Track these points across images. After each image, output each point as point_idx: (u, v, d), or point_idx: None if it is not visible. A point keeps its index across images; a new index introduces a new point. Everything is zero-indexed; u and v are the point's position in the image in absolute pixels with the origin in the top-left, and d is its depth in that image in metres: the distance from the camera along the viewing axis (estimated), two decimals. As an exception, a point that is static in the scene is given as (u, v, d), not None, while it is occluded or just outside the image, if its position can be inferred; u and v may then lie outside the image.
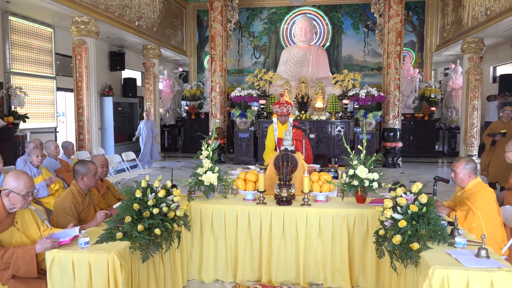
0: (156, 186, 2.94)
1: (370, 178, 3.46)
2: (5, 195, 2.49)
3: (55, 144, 5.26)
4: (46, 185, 4.46)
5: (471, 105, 10.27)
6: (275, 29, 13.30)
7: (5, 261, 2.43)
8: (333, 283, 3.42)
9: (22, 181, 2.50)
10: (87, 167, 3.22)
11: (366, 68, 12.89)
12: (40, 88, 8.60)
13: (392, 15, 10.20)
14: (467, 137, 10.39)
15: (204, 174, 3.64)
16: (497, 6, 8.21)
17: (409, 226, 2.53)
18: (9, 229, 2.55)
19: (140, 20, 10.12)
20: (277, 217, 3.46)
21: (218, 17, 10.84)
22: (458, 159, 3.31)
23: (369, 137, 9.69)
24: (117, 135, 11.06)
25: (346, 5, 12.89)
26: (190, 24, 13.74)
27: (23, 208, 2.57)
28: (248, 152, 10.41)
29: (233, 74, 13.38)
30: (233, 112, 10.62)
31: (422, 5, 12.54)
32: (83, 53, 8.11)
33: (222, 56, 11.02)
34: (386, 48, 10.41)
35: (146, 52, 11.22)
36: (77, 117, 8.34)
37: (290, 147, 4.06)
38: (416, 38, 12.77)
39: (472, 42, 9.93)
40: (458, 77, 12.18)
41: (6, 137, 7.18)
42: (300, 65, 11.86)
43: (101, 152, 8.32)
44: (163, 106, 13.31)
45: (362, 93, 9.91)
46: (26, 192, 2.50)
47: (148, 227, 2.71)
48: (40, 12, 7.78)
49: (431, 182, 3.81)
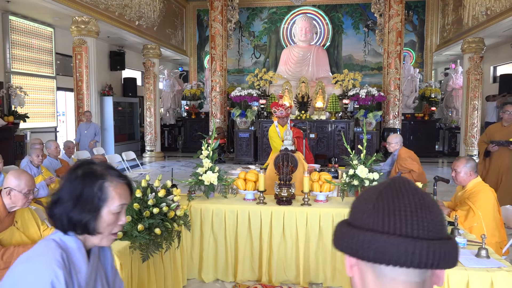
0: (156, 185, 2.94)
1: (370, 178, 3.46)
2: (6, 193, 2.49)
3: (56, 144, 5.26)
4: (46, 184, 4.46)
5: (471, 105, 10.27)
6: (275, 28, 13.30)
7: (5, 261, 2.43)
8: (333, 283, 3.42)
9: (23, 179, 2.50)
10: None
11: (366, 68, 12.89)
12: (40, 88, 8.60)
13: (392, 15, 10.20)
14: (467, 137, 10.39)
15: (204, 174, 3.64)
16: (497, 6, 8.21)
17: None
18: (9, 229, 2.54)
19: (140, 19, 10.13)
20: (277, 217, 3.46)
21: (218, 17, 10.84)
22: (458, 158, 3.33)
23: (369, 137, 9.68)
24: (117, 135, 11.07)
25: (347, 5, 12.88)
26: (190, 23, 13.74)
27: (24, 207, 2.57)
28: (248, 152, 10.42)
29: (233, 74, 13.37)
30: (233, 111, 10.62)
31: (422, 4, 12.54)
32: (83, 52, 8.11)
33: (222, 56, 11.02)
34: (386, 48, 10.41)
35: (146, 52, 11.22)
36: (77, 117, 8.34)
37: (290, 147, 4.06)
38: (416, 38, 12.76)
39: (472, 42, 9.93)
40: (458, 77, 12.17)
41: (6, 136, 7.18)
42: (300, 65, 11.86)
43: (101, 152, 8.32)
44: (163, 106, 13.31)
45: (362, 93, 9.91)
46: (27, 190, 2.50)
47: (148, 227, 2.71)
48: (40, 11, 7.78)
49: (431, 182, 3.81)
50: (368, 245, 0.67)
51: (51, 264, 1.13)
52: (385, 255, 0.66)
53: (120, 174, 1.28)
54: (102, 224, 1.22)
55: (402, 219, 0.67)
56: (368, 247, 0.67)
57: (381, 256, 0.66)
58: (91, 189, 1.21)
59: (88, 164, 1.28)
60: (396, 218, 0.68)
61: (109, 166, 1.31)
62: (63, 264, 1.14)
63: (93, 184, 1.22)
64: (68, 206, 1.20)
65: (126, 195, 1.27)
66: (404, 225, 0.67)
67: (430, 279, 0.72)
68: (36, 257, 1.16)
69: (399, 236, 0.66)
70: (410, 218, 0.67)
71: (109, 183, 1.23)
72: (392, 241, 0.66)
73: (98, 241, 1.25)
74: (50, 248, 1.18)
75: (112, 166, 1.33)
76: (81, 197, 1.20)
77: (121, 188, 1.26)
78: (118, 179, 1.26)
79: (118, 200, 1.24)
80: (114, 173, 1.27)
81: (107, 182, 1.23)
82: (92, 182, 1.22)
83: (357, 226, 0.71)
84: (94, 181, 1.22)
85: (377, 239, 0.67)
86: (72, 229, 1.21)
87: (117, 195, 1.23)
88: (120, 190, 1.25)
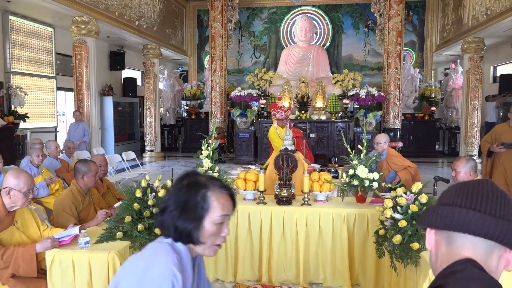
0: (156, 185, 2.94)
1: (370, 178, 3.46)
2: (6, 193, 2.49)
3: (56, 144, 5.26)
4: (46, 184, 4.46)
5: (471, 105, 10.27)
6: (275, 28, 13.30)
7: (5, 260, 2.43)
8: (333, 283, 3.42)
9: (22, 179, 2.51)
10: (88, 166, 3.22)
11: (366, 68, 12.89)
12: (40, 88, 8.60)
13: (392, 15, 10.20)
14: (467, 137, 10.39)
15: (204, 174, 3.64)
16: (497, 6, 8.21)
17: (409, 226, 2.53)
18: (8, 229, 2.55)
19: (140, 19, 10.13)
20: (277, 216, 3.46)
21: (218, 17, 10.84)
22: (458, 158, 3.34)
23: (369, 137, 9.67)
24: (117, 135, 11.07)
25: (347, 5, 12.88)
26: (190, 23, 13.74)
27: (23, 206, 2.58)
28: (248, 152, 10.41)
29: (233, 74, 13.37)
30: (233, 111, 10.62)
31: (422, 4, 12.54)
32: (83, 52, 8.11)
33: (222, 56, 11.02)
34: (386, 48, 10.41)
35: (146, 52, 11.22)
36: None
37: (290, 147, 4.06)
38: (416, 38, 12.76)
39: (472, 42, 9.93)
40: (458, 77, 12.17)
41: (6, 136, 7.18)
42: (300, 65, 11.86)
43: (101, 151, 8.32)
44: (163, 106, 13.32)
45: (362, 93, 9.91)
46: (27, 189, 2.50)
47: (148, 227, 2.71)
48: (40, 11, 7.78)
49: (431, 182, 3.81)
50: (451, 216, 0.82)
51: (170, 266, 1.16)
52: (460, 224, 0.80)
53: (223, 185, 1.30)
54: (205, 234, 1.24)
55: (479, 199, 0.82)
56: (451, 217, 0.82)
57: (456, 224, 0.81)
58: (194, 198, 1.24)
59: (194, 174, 1.30)
60: (473, 198, 0.82)
61: (213, 177, 1.32)
62: (180, 267, 1.18)
63: (197, 194, 1.24)
64: (175, 215, 1.23)
65: (228, 206, 1.28)
66: (479, 203, 0.81)
67: (498, 259, 0.82)
68: (155, 257, 1.20)
69: (473, 209, 0.80)
70: (486, 200, 0.81)
71: (211, 192, 1.25)
72: (467, 212, 0.80)
73: (202, 251, 1.27)
74: (167, 250, 1.21)
75: (215, 177, 1.33)
76: (186, 206, 1.23)
77: (224, 199, 1.27)
78: (220, 189, 1.27)
79: (220, 210, 1.25)
80: (217, 184, 1.28)
81: (210, 192, 1.25)
82: (196, 191, 1.24)
83: (441, 203, 0.87)
84: (198, 191, 1.25)
85: (456, 212, 0.82)
86: (179, 238, 1.24)
87: (219, 205, 1.25)
88: (222, 200, 1.26)
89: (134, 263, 1.21)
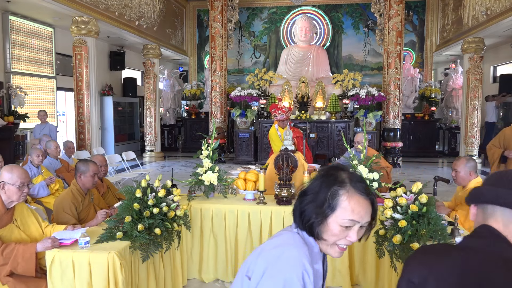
0: (156, 185, 2.94)
1: (370, 178, 3.46)
2: (1, 188, 2.49)
3: (56, 144, 5.26)
4: (46, 184, 4.46)
5: (471, 105, 10.27)
6: (275, 28, 13.30)
7: (5, 256, 2.43)
8: (333, 283, 3.42)
9: (16, 172, 2.51)
10: (87, 166, 3.22)
11: (366, 68, 12.89)
12: (40, 88, 8.60)
13: (392, 15, 10.20)
14: (467, 137, 10.39)
15: (204, 174, 3.64)
16: (497, 6, 8.21)
17: (409, 226, 2.53)
18: (8, 226, 2.54)
19: (140, 19, 10.13)
20: (277, 216, 3.46)
21: (218, 17, 10.84)
22: (458, 158, 3.34)
23: (369, 137, 9.68)
24: (117, 135, 11.07)
25: (346, 5, 12.88)
26: (190, 23, 13.74)
27: (19, 201, 2.57)
28: (248, 152, 10.42)
29: (233, 74, 13.37)
30: (233, 111, 10.62)
31: (422, 5, 12.54)
32: (83, 52, 8.11)
33: (222, 56, 11.02)
34: (386, 48, 10.41)
35: (146, 52, 11.22)
36: (77, 117, 8.34)
37: (290, 147, 4.06)
38: (416, 38, 12.76)
39: (472, 42, 9.93)
40: (458, 77, 12.17)
41: (6, 136, 7.18)
42: (300, 65, 11.86)
43: (101, 152, 8.32)
44: (163, 106, 13.32)
45: (362, 93, 9.92)
46: (20, 183, 2.50)
47: (148, 227, 2.71)
48: (40, 11, 7.78)
49: (431, 182, 3.81)
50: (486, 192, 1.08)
51: (302, 257, 1.10)
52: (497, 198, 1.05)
53: (363, 188, 1.15)
54: (327, 232, 1.15)
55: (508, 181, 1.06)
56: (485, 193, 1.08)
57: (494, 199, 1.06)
58: (325, 193, 1.14)
59: (337, 169, 1.20)
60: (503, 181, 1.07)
61: (359, 176, 1.19)
62: (310, 260, 1.12)
63: (329, 189, 1.14)
64: (307, 199, 1.17)
65: (361, 213, 1.13)
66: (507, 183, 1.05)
67: None
68: (288, 246, 1.14)
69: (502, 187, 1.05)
70: None
71: (344, 191, 1.13)
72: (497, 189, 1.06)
73: (325, 248, 1.19)
74: (298, 241, 1.16)
75: (361, 177, 1.20)
76: (317, 197, 1.15)
77: (358, 203, 1.13)
78: (358, 191, 1.14)
79: (349, 214, 1.12)
80: (358, 185, 1.15)
81: (343, 191, 1.13)
82: (328, 186, 1.15)
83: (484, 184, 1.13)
84: (331, 186, 1.14)
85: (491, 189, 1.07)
86: (301, 226, 1.18)
87: (349, 208, 1.12)
88: (355, 203, 1.12)
89: (268, 251, 1.15)
